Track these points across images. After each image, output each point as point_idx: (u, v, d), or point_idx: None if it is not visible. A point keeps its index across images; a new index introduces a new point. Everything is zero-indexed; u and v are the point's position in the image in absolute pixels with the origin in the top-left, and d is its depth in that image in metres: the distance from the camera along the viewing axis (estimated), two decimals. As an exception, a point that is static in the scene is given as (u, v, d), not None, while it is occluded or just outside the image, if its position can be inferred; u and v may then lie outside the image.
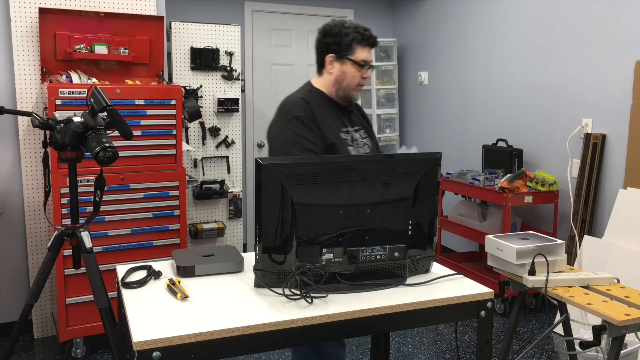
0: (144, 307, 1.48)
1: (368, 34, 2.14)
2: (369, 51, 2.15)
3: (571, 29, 3.70)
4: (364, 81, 2.16)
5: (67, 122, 2.22)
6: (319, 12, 5.32)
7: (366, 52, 2.13)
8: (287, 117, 2.07)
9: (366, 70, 2.13)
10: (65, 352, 3.14)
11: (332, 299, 1.54)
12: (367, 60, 2.14)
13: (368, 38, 2.13)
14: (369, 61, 2.14)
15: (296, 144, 2.01)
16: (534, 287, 2.13)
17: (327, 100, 2.16)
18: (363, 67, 2.12)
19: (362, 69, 2.12)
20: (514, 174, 3.73)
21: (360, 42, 2.11)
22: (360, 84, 2.16)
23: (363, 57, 2.12)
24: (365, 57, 2.13)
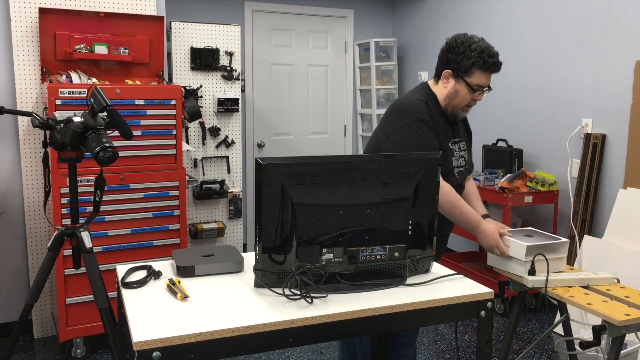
0: (144, 307, 1.48)
1: (492, 61, 2.13)
2: (488, 77, 2.16)
3: (571, 29, 3.70)
4: (473, 103, 2.20)
5: (67, 122, 2.22)
6: (319, 12, 5.32)
7: (485, 77, 2.15)
8: (411, 118, 2.09)
9: (480, 95, 2.17)
10: (65, 352, 3.14)
11: (332, 299, 1.54)
12: (482, 85, 2.16)
13: (491, 65, 2.13)
14: (484, 86, 2.16)
15: (421, 147, 2.05)
16: (534, 287, 2.14)
17: (440, 107, 2.22)
18: (476, 91, 2.15)
19: (475, 93, 2.15)
20: (514, 174, 3.73)
21: (481, 67, 2.12)
22: (469, 105, 2.20)
23: (479, 82, 2.14)
24: (482, 82, 2.15)
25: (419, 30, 5.25)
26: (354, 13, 5.50)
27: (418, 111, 2.11)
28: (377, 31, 5.58)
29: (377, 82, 5.27)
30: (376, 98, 5.29)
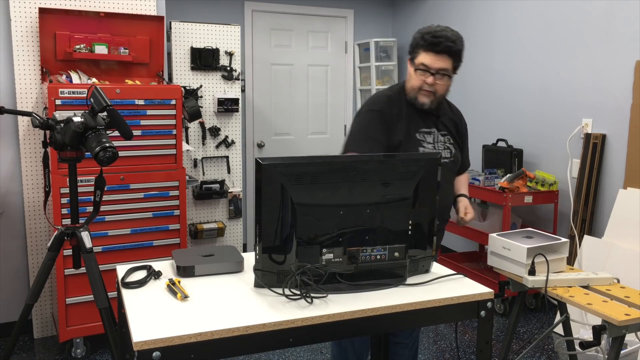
0: (144, 307, 1.48)
1: (431, 39, 2.14)
2: (434, 57, 2.14)
3: (571, 29, 3.70)
4: (427, 87, 2.18)
5: (67, 122, 2.22)
6: (319, 12, 5.32)
7: (429, 57, 2.14)
8: (363, 109, 2.27)
9: (428, 76, 2.16)
10: (65, 352, 3.14)
11: (332, 299, 1.54)
12: (426, 65, 2.15)
13: (430, 44, 2.14)
14: (429, 66, 2.15)
15: (360, 134, 2.20)
16: (534, 287, 2.14)
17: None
18: (421, 71, 2.16)
19: (424, 74, 2.16)
20: (514, 174, 3.73)
21: (422, 46, 2.16)
22: (422, 88, 2.19)
23: (422, 61, 2.16)
24: (426, 61, 2.15)
25: (419, 30, 5.24)
26: (354, 13, 5.50)
27: (372, 102, 2.26)
28: (377, 31, 5.58)
29: (377, 82, 5.27)
30: (376, 98, 5.28)
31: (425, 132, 2.26)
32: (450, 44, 2.13)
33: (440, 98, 2.25)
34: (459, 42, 2.17)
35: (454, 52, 2.15)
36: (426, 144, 2.24)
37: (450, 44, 2.13)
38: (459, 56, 2.19)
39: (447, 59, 2.15)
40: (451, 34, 2.16)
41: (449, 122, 2.35)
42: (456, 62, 2.19)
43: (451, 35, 2.15)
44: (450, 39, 2.13)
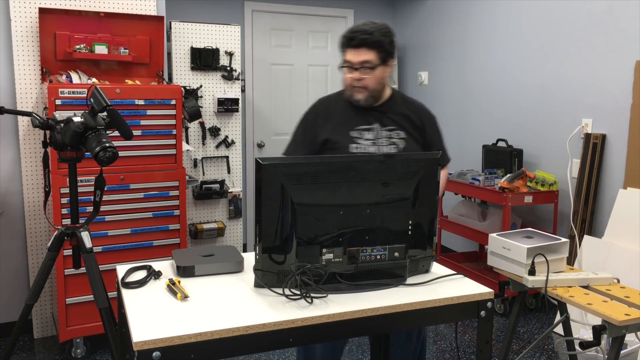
0: (144, 307, 1.48)
1: (348, 35, 2.15)
2: (353, 52, 2.15)
3: (571, 29, 3.70)
4: (356, 82, 2.18)
5: (67, 122, 2.22)
6: (319, 12, 5.31)
7: (350, 53, 2.16)
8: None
9: (352, 72, 2.16)
10: (65, 352, 3.14)
11: (332, 299, 1.54)
12: (348, 61, 2.17)
13: (347, 40, 2.15)
14: (351, 62, 2.16)
15: (290, 138, 2.39)
16: (534, 287, 2.14)
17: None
18: (349, 68, 2.17)
19: (350, 71, 2.17)
20: (514, 174, 3.73)
21: (343, 45, 2.18)
22: (352, 85, 2.19)
23: (345, 58, 2.18)
24: (347, 57, 2.17)
25: (419, 30, 5.25)
26: (354, 13, 5.50)
27: (311, 106, 2.37)
28: (377, 31, 5.57)
29: (377, 82, 5.27)
30: (376, 98, 5.28)
31: (364, 129, 2.23)
32: (365, 36, 2.12)
33: (375, 92, 2.22)
34: (379, 33, 2.14)
35: (372, 43, 2.13)
36: (363, 140, 2.22)
37: (366, 36, 2.12)
38: (382, 45, 2.15)
39: (367, 51, 2.13)
40: (370, 26, 2.15)
41: (400, 117, 2.29)
42: (381, 52, 2.15)
43: (369, 28, 2.14)
44: (367, 32, 2.13)
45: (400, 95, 2.38)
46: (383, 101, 2.28)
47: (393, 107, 2.30)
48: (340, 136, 2.22)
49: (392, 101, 2.31)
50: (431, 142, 2.33)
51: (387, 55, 2.18)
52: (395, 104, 2.31)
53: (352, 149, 2.21)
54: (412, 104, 2.38)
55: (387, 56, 2.19)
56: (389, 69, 2.24)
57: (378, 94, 2.24)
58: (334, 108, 2.30)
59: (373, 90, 2.20)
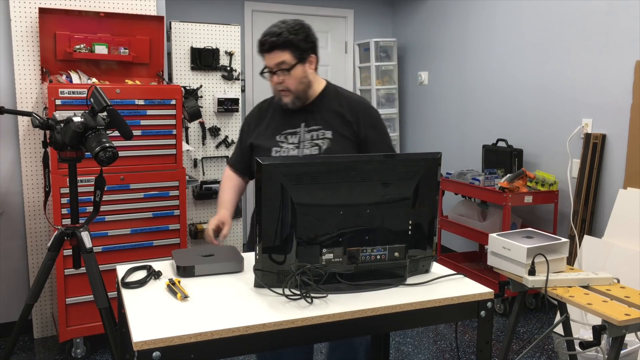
0: (144, 307, 1.48)
1: (260, 40, 2.09)
2: (267, 56, 2.09)
3: (571, 29, 3.70)
4: (278, 86, 2.12)
5: (67, 122, 2.22)
6: (319, 12, 5.32)
7: (266, 58, 2.10)
8: None
9: (272, 76, 2.11)
10: (65, 352, 3.14)
11: (332, 299, 1.54)
12: (266, 66, 2.12)
13: (260, 46, 2.10)
14: (268, 67, 2.11)
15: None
16: (534, 287, 2.14)
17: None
18: (269, 73, 2.12)
19: (269, 75, 2.12)
20: (514, 174, 3.73)
21: (258, 51, 2.13)
22: (276, 89, 2.14)
23: (264, 64, 2.12)
24: (265, 63, 2.11)
25: (419, 30, 5.25)
26: (354, 13, 5.50)
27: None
28: (377, 31, 5.58)
29: (377, 82, 5.27)
30: (376, 98, 5.29)
31: (289, 133, 2.16)
32: (274, 39, 2.04)
33: (300, 93, 2.13)
34: (288, 32, 2.06)
35: (282, 43, 2.04)
36: (286, 144, 2.15)
37: (274, 38, 2.04)
38: (294, 44, 2.06)
39: (280, 53, 2.06)
40: (279, 27, 2.07)
41: (329, 114, 2.16)
42: (294, 51, 2.07)
43: (277, 29, 2.06)
44: (275, 33, 2.05)
45: (334, 90, 2.26)
46: (312, 99, 2.19)
47: (322, 104, 2.19)
48: (265, 141, 2.17)
49: (322, 98, 2.20)
50: (366, 140, 2.16)
51: (303, 52, 2.10)
52: (326, 101, 2.20)
53: (273, 153, 2.15)
54: (347, 98, 2.24)
55: (304, 53, 2.10)
56: (311, 66, 2.16)
57: (304, 94, 2.15)
58: (265, 112, 2.26)
59: (296, 91, 2.12)
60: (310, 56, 2.14)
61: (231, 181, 2.31)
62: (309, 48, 2.14)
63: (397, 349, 3.33)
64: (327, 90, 2.24)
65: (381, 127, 2.22)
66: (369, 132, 2.16)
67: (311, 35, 2.16)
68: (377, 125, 2.21)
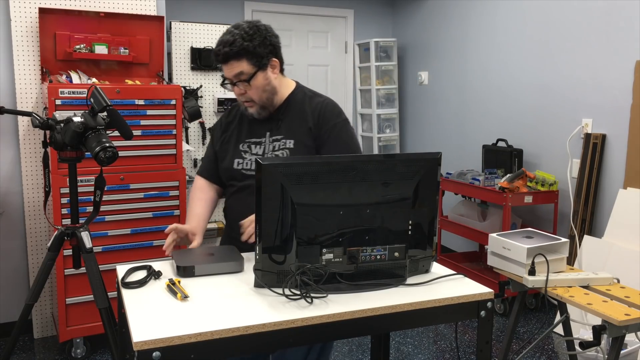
0: (144, 307, 1.48)
1: (214, 51, 1.95)
2: (225, 68, 1.94)
3: (571, 28, 3.70)
4: (241, 97, 1.99)
5: (67, 122, 2.22)
6: (319, 12, 5.32)
7: (224, 69, 1.95)
8: None
9: (233, 87, 1.97)
10: (65, 352, 3.14)
11: (332, 299, 1.54)
12: (224, 76, 1.97)
13: (215, 57, 1.95)
14: (228, 78, 1.97)
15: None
16: (534, 287, 2.14)
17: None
18: (230, 84, 1.98)
19: (231, 86, 1.98)
20: (514, 174, 3.73)
21: (215, 61, 2.01)
22: (240, 100, 2.01)
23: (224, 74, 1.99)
24: (224, 73, 1.97)
25: (419, 30, 5.25)
26: (354, 13, 5.50)
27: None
28: (377, 31, 5.58)
29: (377, 82, 5.27)
30: (376, 98, 5.29)
31: (253, 142, 2.05)
32: (226, 49, 1.88)
33: (264, 102, 1.99)
34: (242, 39, 1.89)
35: (237, 53, 1.89)
36: (249, 155, 2.03)
37: (227, 48, 1.88)
38: (249, 52, 1.90)
39: (236, 63, 1.90)
40: (232, 34, 1.90)
41: (294, 121, 2.03)
42: (251, 58, 1.91)
43: (230, 37, 1.89)
44: (228, 42, 1.89)
45: (302, 93, 2.10)
46: (279, 105, 2.05)
47: (288, 111, 2.05)
48: (228, 150, 2.07)
49: (289, 104, 2.06)
50: (322, 146, 1.99)
51: (262, 58, 1.93)
52: (292, 107, 2.05)
53: (235, 165, 2.04)
54: (312, 102, 2.06)
55: (263, 59, 1.93)
56: (274, 70, 2.00)
57: (269, 102, 2.01)
58: (233, 118, 2.13)
59: (260, 100, 1.98)
60: (271, 61, 1.97)
61: (202, 193, 2.16)
62: (269, 52, 1.96)
63: (397, 349, 3.33)
64: (294, 95, 2.08)
65: (343, 137, 2.02)
66: (329, 140, 2.00)
67: (269, 38, 1.96)
68: (340, 134, 2.02)
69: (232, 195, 2.10)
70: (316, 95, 2.11)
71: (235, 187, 2.07)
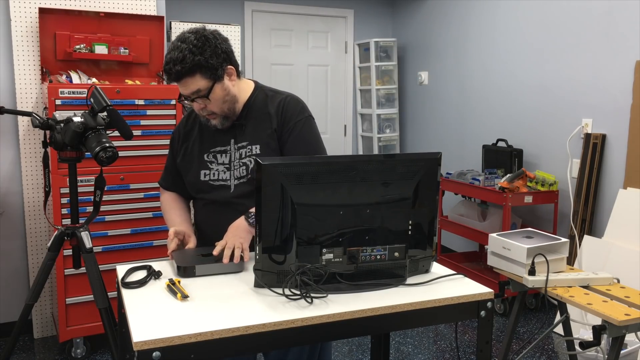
0: (144, 307, 1.48)
1: (165, 69, 1.82)
2: (179, 85, 1.83)
3: (571, 29, 3.70)
4: (201, 112, 1.89)
5: (67, 122, 2.22)
6: (319, 12, 5.32)
7: (179, 87, 1.84)
8: None
9: (192, 103, 1.86)
10: (65, 352, 3.14)
11: (332, 299, 1.54)
12: (182, 94, 1.87)
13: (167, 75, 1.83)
14: (184, 95, 1.86)
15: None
16: (534, 287, 2.14)
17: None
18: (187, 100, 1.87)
19: (190, 102, 1.87)
20: (514, 174, 3.73)
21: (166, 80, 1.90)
22: (200, 114, 1.91)
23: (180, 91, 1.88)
24: (180, 91, 1.86)
25: (419, 30, 5.25)
26: (354, 13, 5.50)
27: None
28: (377, 31, 5.58)
29: (377, 82, 5.27)
30: (376, 98, 5.29)
31: (219, 151, 1.97)
32: (178, 67, 1.77)
33: (226, 112, 1.91)
34: (191, 53, 1.77)
35: (189, 70, 1.78)
36: (216, 165, 1.96)
37: (178, 67, 1.77)
38: (202, 66, 1.79)
39: (191, 80, 1.80)
40: (179, 50, 1.78)
41: (258, 126, 1.95)
42: (205, 72, 1.81)
43: (179, 54, 1.77)
44: (178, 60, 1.77)
45: (262, 94, 2.01)
46: (240, 112, 1.96)
47: (250, 115, 1.97)
48: (192, 161, 1.98)
49: (250, 107, 1.97)
50: (283, 146, 1.94)
51: (216, 70, 1.83)
52: (254, 110, 1.97)
53: (202, 177, 1.97)
54: (275, 99, 1.99)
55: (217, 71, 1.83)
56: (231, 78, 1.90)
57: (231, 112, 1.93)
58: (192, 126, 2.03)
59: (222, 111, 1.90)
60: (226, 69, 1.87)
61: (175, 202, 2.08)
62: (222, 61, 1.85)
63: (397, 349, 3.33)
64: (254, 97, 1.99)
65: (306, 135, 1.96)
66: (287, 137, 1.94)
67: (219, 46, 1.84)
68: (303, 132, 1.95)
69: (202, 210, 2.03)
70: (277, 93, 2.02)
71: (204, 200, 2.01)
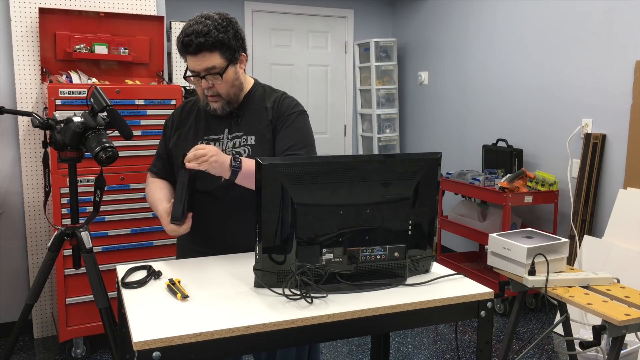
0: (144, 307, 1.48)
1: (184, 40, 1.82)
2: (193, 59, 1.82)
3: (571, 29, 3.71)
4: (208, 92, 1.89)
5: (67, 122, 2.22)
6: (319, 12, 5.32)
7: (191, 61, 1.83)
8: None
9: (200, 81, 1.86)
10: (65, 352, 3.14)
11: (332, 299, 1.54)
12: (190, 69, 1.86)
13: (184, 46, 1.82)
14: (195, 71, 1.85)
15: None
16: (534, 287, 2.14)
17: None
18: (195, 77, 1.86)
19: (197, 79, 1.87)
20: (514, 174, 3.73)
21: (181, 51, 1.86)
22: (204, 94, 1.91)
23: (189, 67, 1.87)
24: (190, 65, 1.85)
25: (419, 30, 5.25)
26: (354, 13, 5.50)
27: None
28: (377, 31, 5.58)
29: (377, 82, 5.27)
30: (376, 98, 5.29)
31: (212, 139, 1.97)
32: (201, 39, 1.78)
33: (231, 97, 1.92)
34: (217, 30, 1.81)
35: (212, 44, 1.80)
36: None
37: (202, 39, 1.78)
38: (224, 44, 1.82)
39: (209, 55, 1.81)
40: (205, 24, 1.80)
41: (255, 118, 1.97)
42: (225, 51, 1.83)
43: (204, 27, 1.79)
44: (202, 32, 1.79)
45: (261, 89, 2.04)
46: (240, 101, 1.98)
47: (248, 107, 1.99)
48: (184, 148, 1.94)
49: (249, 99, 2.00)
50: (276, 135, 1.95)
51: (234, 52, 1.86)
52: (252, 102, 2.00)
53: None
54: (272, 95, 2.02)
55: (235, 53, 1.87)
56: (241, 65, 1.93)
57: (235, 98, 1.94)
58: (187, 114, 2.04)
59: (227, 95, 1.91)
60: (240, 55, 1.90)
61: (160, 182, 2.07)
62: (239, 46, 1.89)
63: (397, 349, 3.33)
64: (254, 91, 2.02)
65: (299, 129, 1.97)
66: (280, 128, 1.96)
67: (240, 31, 1.89)
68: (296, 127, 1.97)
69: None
70: (275, 91, 2.06)
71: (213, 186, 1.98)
